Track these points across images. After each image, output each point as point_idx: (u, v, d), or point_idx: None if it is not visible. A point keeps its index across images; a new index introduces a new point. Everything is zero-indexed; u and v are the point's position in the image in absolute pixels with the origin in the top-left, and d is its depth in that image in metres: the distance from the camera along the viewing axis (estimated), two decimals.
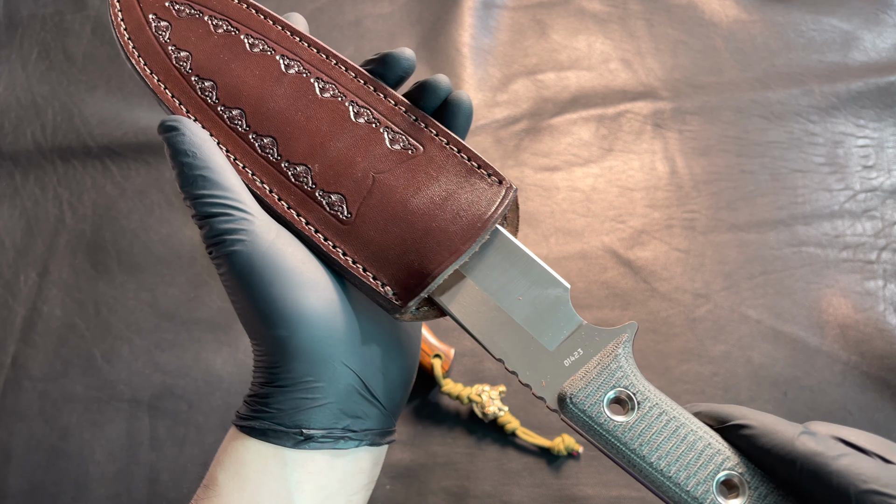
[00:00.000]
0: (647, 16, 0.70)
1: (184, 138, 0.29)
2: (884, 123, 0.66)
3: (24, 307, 0.57)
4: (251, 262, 0.27)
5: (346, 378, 0.28)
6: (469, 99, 0.32)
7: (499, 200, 0.31)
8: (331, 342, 0.28)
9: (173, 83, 0.34)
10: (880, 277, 0.60)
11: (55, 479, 0.53)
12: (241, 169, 0.32)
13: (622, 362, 0.28)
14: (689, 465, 0.25)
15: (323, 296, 0.28)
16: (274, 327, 0.27)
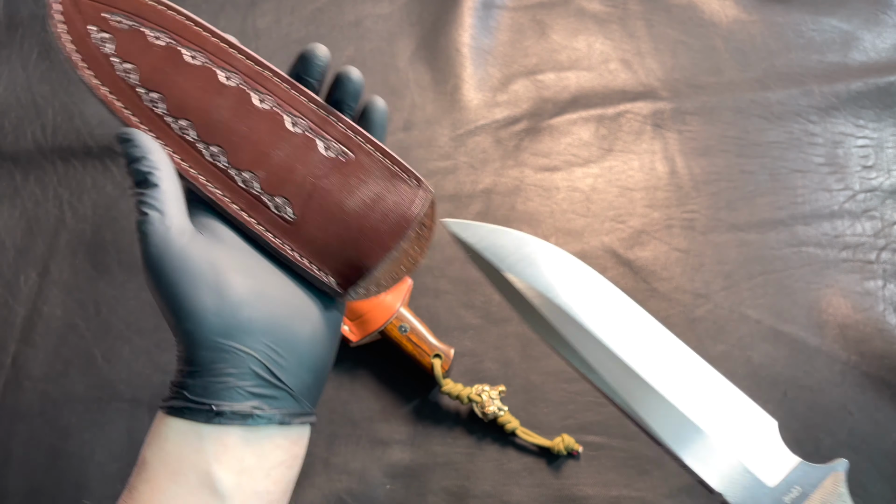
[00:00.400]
0: (646, 16, 0.70)
1: (135, 148, 0.33)
2: (883, 124, 0.66)
3: (24, 307, 0.57)
4: (161, 263, 0.31)
5: (250, 363, 0.31)
6: (384, 106, 0.37)
7: (419, 201, 0.36)
8: (233, 333, 0.31)
9: (122, 95, 0.35)
10: (880, 277, 0.60)
11: (55, 479, 0.53)
12: (193, 175, 0.35)
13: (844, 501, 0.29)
14: None
15: (228, 295, 0.32)
16: (181, 321, 0.31)
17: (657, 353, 0.31)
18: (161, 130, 0.35)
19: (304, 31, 0.67)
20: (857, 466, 0.54)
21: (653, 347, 0.31)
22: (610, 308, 0.31)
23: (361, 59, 0.67)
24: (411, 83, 0.66)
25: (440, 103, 0.65)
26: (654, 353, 0.31)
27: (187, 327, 0.31)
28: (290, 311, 0.33)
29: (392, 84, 0.66)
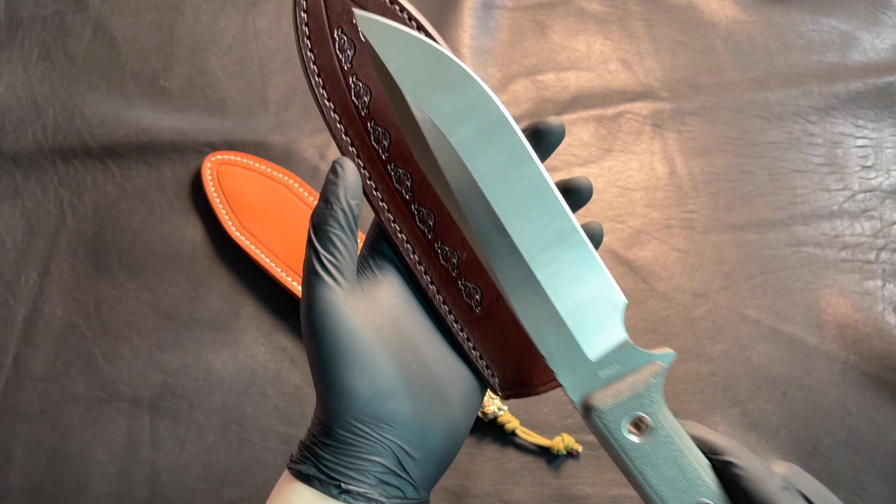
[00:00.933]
0: (646, 16, 0.70)
1: (337, 190, 0.31)
2: (882, 124, 0.66)
3: (24, 307, 0.57)
4: (323, 331, 0.31)
5: (385, 455, 0.32)
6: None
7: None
8: (376, 423, 0.31)
9: (349, 121, 0.32)
10: (879, 277, 0.60)
11: (56, 479, 0.53)
12: (397, 234, 0.33)
13: (652, 391, 0.30)
14: (678, 489, 0.30)
15: (380, 385, 0.31)
16: (330, 398, 0.31)
17: (533, 213, 0.30)
18: (378, 175, 0.32)
19: None
20: (856, 466, 0.54)
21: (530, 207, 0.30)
22: (504, 163, 0.29)
23: None
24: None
25: None
26: (530, 212, 0.30)
27: (334, 405, 0.31)
28: (432, 407, 0.33)
29: None
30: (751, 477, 0.29)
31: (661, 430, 0.30)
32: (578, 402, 0.31)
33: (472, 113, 0.29)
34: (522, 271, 0.30)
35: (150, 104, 0.64)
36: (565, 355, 0.31)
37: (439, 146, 0.29)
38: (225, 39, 0.66)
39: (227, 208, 0.59)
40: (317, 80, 0.32)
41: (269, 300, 0.58)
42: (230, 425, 0.54)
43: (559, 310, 0.30)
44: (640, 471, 0.30)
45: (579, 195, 0.33)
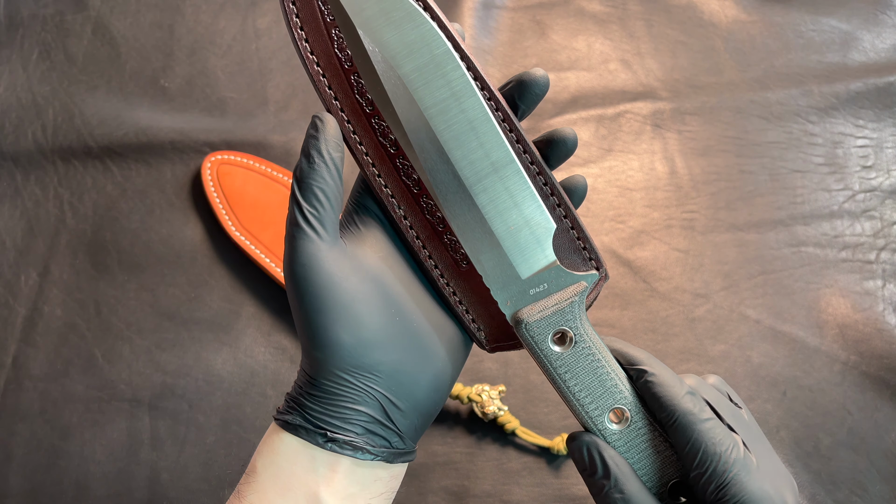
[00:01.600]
0: (646, 16, 0.70)
1: (318, 143, 0.32)
2: (883, 124, 0.66)
3: (24, 307, 0.57)
4: (305, 283, 0.31)
5: (371, 404, 0.32)
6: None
7: (591, 289, 0.34)
8: (359, 372, 0.32)
9: (333, 74, 0.32)
10: (879, 277, 0.60)
11: (56, 479, 0.53)
12: (382, 189, 0.33)
13: (574, 308, 0.33)
14: (595, 395, 0.33)
15: (364, 335, 0.32)
16: (314, 348, 0.32)
17: (474, 143, 0.32)
18: (364, 129, 0.33)
19: None
20: (856, 466, 0.54)
21: (471, 138, 0.32)
22: (448, 95, 0.31)
23: None
24: None
25: None
26: (471, 143, 0.32)
27: (318, 355, 0.32)
28: (418, 356, 0.33)
29: None
30: (660, 383, 0.32)
31: (581, 343, 0.33)
32: (510, 316, 0.34)
33: (419, 48, 0.31)
34: (463, 197, 0.32)
35: (150, 104, 0.64)
36: (499, 273, 0.33)
37: (388, 77, 0.31)
38: (225, 39, 0.66)
39: (226, 208, 0.59)
40: (299, 33, 0.32)
41: (269, 300, 0.58)
42: (230, 425, 0.54)
43: (495, 232, 0.33)
44: (562, 379, 0.33)
45: (564, 147, 0.34)
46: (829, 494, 0.53)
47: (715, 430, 0.32)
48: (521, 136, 0.33)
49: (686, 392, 0.32)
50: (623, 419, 0.33)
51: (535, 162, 0.34)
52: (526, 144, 0.34)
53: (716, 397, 0.34)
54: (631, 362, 0.34)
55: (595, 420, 0.33)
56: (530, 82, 0.33)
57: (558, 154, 0.35)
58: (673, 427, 0.32)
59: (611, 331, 0.58)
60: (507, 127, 0.33)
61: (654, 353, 0.57)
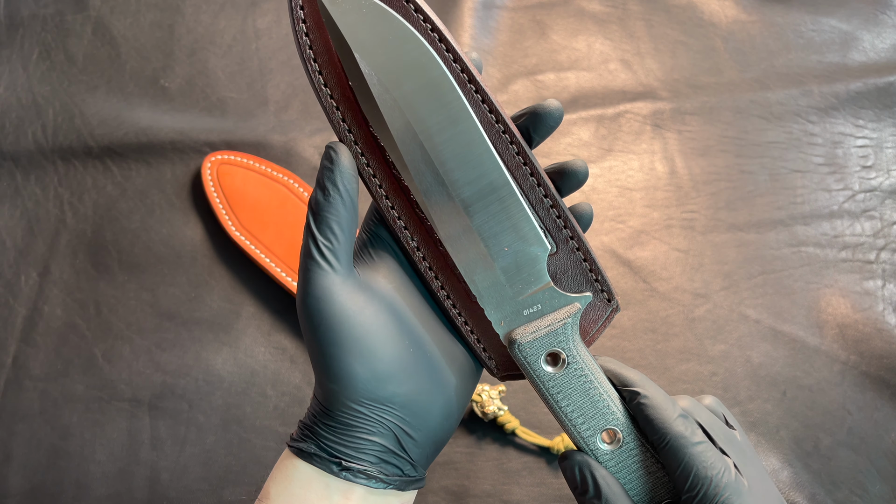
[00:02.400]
0: (646, 16, 0.70)
1: (333, 175, 0.32)
2: (883, 124, 0.66)
3: (24, 307, 0.57)
4: (319, 316, 0.31)
5: (384, 434, 0.32)
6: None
7: (604, 318, 0.35)
8: (375, 404, 0.32)
9: (346, 106, 0.32)
10: (879, 277, 0.60)
11: (56, 479, 0.53)
12: (395, 220, 0.34)
13: (567, 329, 0.33)
14: (587, 416, 0.33)
15: (378, 368, 0.32)
16: (329, 381, 0.32)
17: (469, 165, 0.32)
18: (378, 162, 0.33)
19: None
20: (856, 466, 0.54)
21: (467, 160, 0.32)
22: (444, 118, 0.32)
23: None
24: None
25: None
26: (466, 165, 0.32)
27: (333, 387, 0.32)
28: (430, 387, 0.33)
29: None
30: (653, 405, 0.32)
31: (574, 364, 0.33)
32: (503, 336, 0.34)
33: (416, 70, 0.31)
34: (458, 218, 0.33)
35: (150, 104, 0.64)
36: (493, 294, 0.34)
37: (384, 100, 0.31)
38: (225, 39, 0.66)
39: (227, 208, 0.59)
40: (313, 66, 0.32)
41: (269, 300, 0.58)
42: (230, 425, 0.54)
43: (489, 254, 0.33)
44: (554, 399, 0.34)
45: (574, 178, 0.34)
46: (829, 494, 0.53)
47: (706, 453, 0.32)
48: (529, 160, 0.33)
49: (678, 415, 0.32)
50: (615, 440, 0.34)
51: (542, 184, 0.34)
52: (534, 168, 0.33)
53: (709, 419, 0.34)
54: (624, 383, 0.34)
55: (587, 440, 0.34)
56: (544, 114, 0.33)
57: (570, 185, 0.35)
58: (665, 449, 0.32)
59: (611, 331, 0.58)
60: (514, 149, 0.33)
61: (653, 353, 0.57)
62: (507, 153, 0.33)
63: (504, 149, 0.33)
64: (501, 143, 0.33)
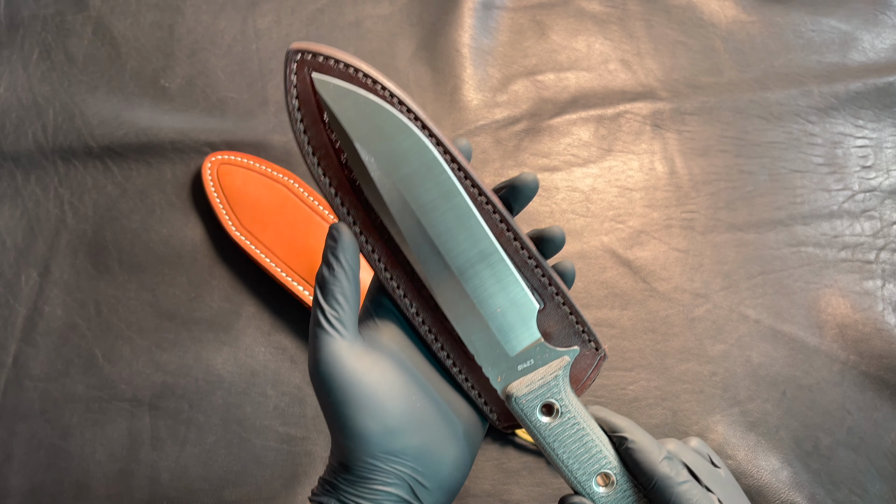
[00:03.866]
0: (646, 17, 0.70)
1: (337, 252, 0.35)
2: (882, 124, 0.66)
3: (25, 307, 0.57)
4: (330, 380, 0.34)
5: (400, 485, 0.35)
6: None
7: (593, 366, 0.38)
8: (389, 457, 0.34)
9: (345, 193, 0.36)
10: (879, 277, 0.60)
11: (56, 479, 0.53)
12: (395, 290, 0.36)
13: (559, 381, 0.36)
14: (582, 461, 0.36)
15: (390, 423, 0.34)
16: (344, 438, 0.34)
17: (461, 237, 0.35)
18: (376, 240, 0.36)
19: (305, 31, 0.67)
20: (855, 466, 0.54)
21: (459, 232, 0.35)
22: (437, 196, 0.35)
23: (361, 59, 0.67)
24: (411, 84, 0.66)
25: (440, 103, 0.65)
26: (459, 236, 0.35)
27: (349, 444, 0.34)
28: (440, 438, 0.36)
29: None
30: (639, 449, 0.35)
31: (567, 414, 0.36)
32: (501, 391, 0.37)
33: (410, 156, 0.34)
34: (453, 285, 0.36)
35: (151, 104, 0.64)
36: (489, 352, 0.36)
37: (383, 183, 0.34)
38: (225, 39, 0.66)
39: (227, 208, 0.59)
40: (312, 160, 0.35)
41: (270, 300, 0.58)
42: (230, 425, 0.54)
43: (484, 315, 0.36)
44: (551, 447, 0.36)
45: (553, 244, 0.37)
46: (829, 494, 0.53)
47: (692, 491, 0.34)
48: (511, 227, 0.36)
49: (664, 457, 0.35)
50: (609, 483, 0.36)
51: (525, 248, 0.37)
52: (517, 234, 0.36)
53: (694, 460, 0.37)
54: (613, 430, 0.36)
55: (583, 484, 0.36)
56: (522, 186, 0.37)
57: (550, 248, 0.38)
58: (652, 490, 0.35)
59: (611, 330, 0.58)
60: (497, 218, 0.36)
61: (653, 353, 0.57)
62: (492, 222, 0.36)
63: (489, 219, 0.36)
64: (486, 214, 0.36)
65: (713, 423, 0.55)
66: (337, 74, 0.34)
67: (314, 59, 0.34)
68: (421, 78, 0.66)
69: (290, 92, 0.35)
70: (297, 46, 0.34)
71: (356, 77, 0.35)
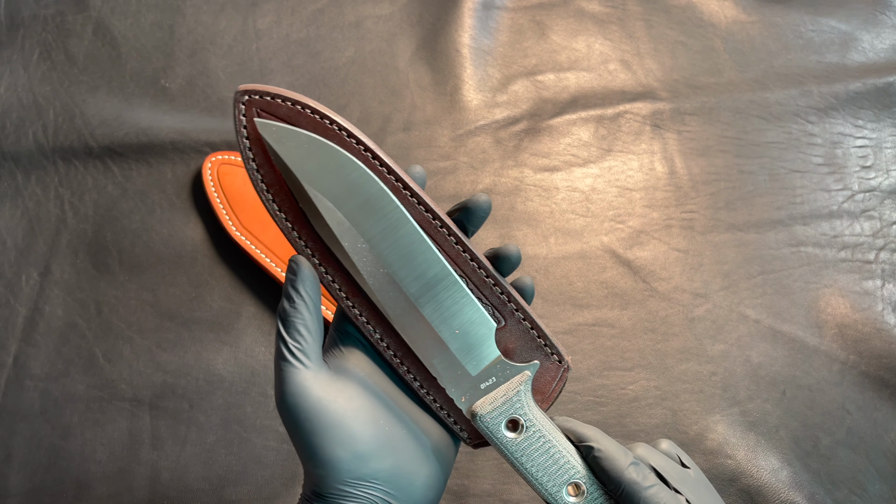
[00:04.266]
0: (646, 17, 0.70)
1: (297, 284, 0.35)
2: (882, 124, 0.66)
3: (25, 307, 0.57)
4: (297, 411, 0.34)
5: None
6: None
7: (558, 378, 0.38)
8: (360, 482, 0.35)
9: (300, 227, 0.36)
10: (878, 277, 0.60)
11: (56, 479, 0.53)
12: (358, 318, 0.37)
13: (521, 396, 0.37)
14: (551, 473, 0.36)
15: (359, 449, 0.35)
16: (315, 467, 0.35)
17: (414, 263, 0.36)
18: (335, 269, 0.37)
19: (305, 31, 0.68)
20: (855, 466, 0.54)
21: (411, 258, 0.36)
22: (386, 226, 0.36)
23: (362, 60, 0.67)
24: (411, 84, 0.66)
25: (440, 104, 0.65)
26: (412, 263, 0.36)
27: (320, 473, 0.34)
28: (411, 459, 0.36)
29: (392, 85, 0.66)
30: (606, 457, 0.35)
31: (532, 428, 0.36)
32: (466, 411, 0.37)
33: (356, 189, 0.35)
34: (410, 310, 0.36)
35: (151, 104, 0.64)
36: (451, 374, 0.37)
37: (332, 217, 0.35)
38: (225, 40, 0.67)
39: (227, 208, 0.59)
40: (267, 196, 0.36)
41: (270, 300, 0.58)
42: (231, 425, 0.54)
43: (443, 338, 0.36)
44: (519, 461, 0.36)
45: (509, 261, 0.38)
46: (829, 494, 0.53)
47: (658, 495, 0.35)
48: (468, 248, 0.37)
49: (630, 463, 0.35)
50: (580, 492, 0.36)
51: (483, 267, 0.37)
52: (473, 254, 0.37)
53: (662, 462, 0.37)
54: (580, 439, 0.37)
55: (554, 495, 0.36)
56: (474, 208, 0.37)
57: (507, 266, 0.38)
58: (621, 496, 0.35)
59: (611, 330, 0.58)
60: (453, 240, 0.37)
61: (653, 353, 0.57)
62: (447, 244, 0.37)
63: (444, 241, 0.37)
64: (440, 237, 0.37)
65: (713, 422, 0.55)
66: (285, 112, 0.35)
67: (261, 98, 0.35)
68: (421, 78, 0.66)
69: (240, 132, 0.35)
70: (244, 88, 0.35)
71: (304, 113, 0.35)
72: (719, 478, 0.53)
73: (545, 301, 0.59)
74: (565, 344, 0.58)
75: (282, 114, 0.35)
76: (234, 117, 0.35)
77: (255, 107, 0.35)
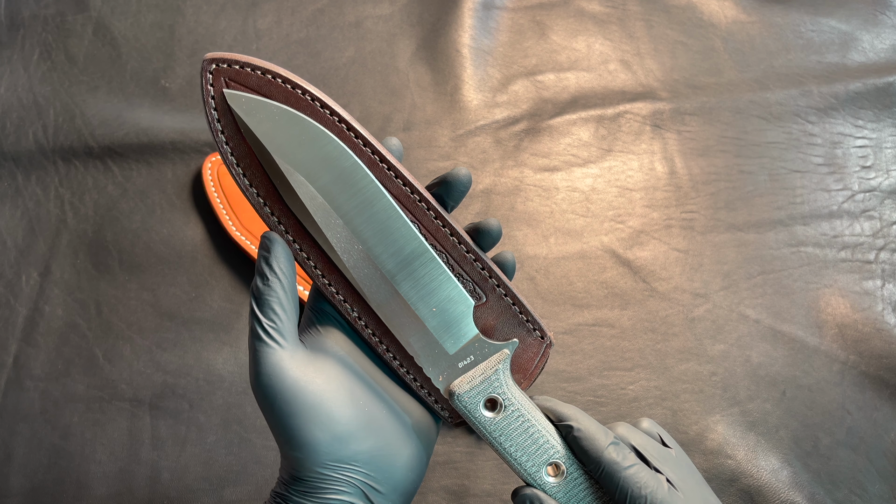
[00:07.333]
0: (646, 17, 0.70)
1: (270, 261, 0.34)
2: (882, 124, 0.66)
3: (25, 307, 0.57)
4: (272, 391, 0.33)
5: (353, 492, 0.34)
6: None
7: (540, 354, 0.38)
8: (339, 465, 0.34)
9: (272, 201, 0.35)
10: (878, 277, 0.60)
11: (57, 479, 0.53)
12: (334, 296, 0.36)
13: (499, 374, 0.36)
14: (530, 452, 0.36)
15: (337, 430, 0.34)
16: (292, 449, 0.34)
17: (390, 239, 0.35)
18: (310, 245, 0.35)
19: (305, 31, 0.68)
20: (855, 465, 0.54)
21: (387, 235, 0.35)
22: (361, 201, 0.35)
23: (362, 60, 0.67)
24: (411, 84, 0.66)
25: (440, 104, 0.65)
26: (387, 239, 0.35)
27: (297, 455, 0.33)
28: (391, 440, 0.36)
29: (392, 85, 0.66)
30: (585, 437, 0.35)
31: (510, 407, 0.36)
32: (443, 390, 0.36)
33: (329, 163, 0.34)
34: (386, 287, 0.35)
35: (151, 104, 0.64)
36: (429, 353, 0.36)
37: (305, 192, 0.34)
38: (225, 40, 0.67)
39: (227, 208, 0.59)
40: (237, 170, 0.34)
41: None
42: (231, 425, 0.54)
43: (420, 316, 0.36)
44: (497, 441, 0.36)
45: (489, 236, 0.37)
46: (829, 494, 0.53)
47: (639, 474, 0.34)
48: (447, 222, 0.36)
49: (610, 443, 0.35)
50: (560, 472, 0.36)
51: (464, 242, 0.36)
52: (453, 229, 0.36)
53: (643, 442, 0.37)
54: (560, 418, 0.36)
55: (534, 476, 0.36)
56: (454, 182, 0.36)
57: (487, 241, 0.37)
58: (601, 476, 0.35)
59: (611, 330, 0.58)
60: (432, 215, 0.36)
61: (653, 353, 0.57)
62: (426, 219, 0.36)
63: (423, 215, 0.36)
64: (419, 211, 0.36)
65: (713, 422, 0.55)
66: (255, 82, 0.34)
67: (230, 67, 0.34)
68: (421, 78, 0.67)
69: (207, 103, 0.34)
70: (212, 56, 0.33)
71: (275, 83, 0.34)
72: (719, 478, 0.53)
73: (545, 301, 0.59)
74: (565, 344, 0.58)
75: (252, 84, 0.34)
76: (202, 87, 0.33)
77: (223, 76, 0.33)
